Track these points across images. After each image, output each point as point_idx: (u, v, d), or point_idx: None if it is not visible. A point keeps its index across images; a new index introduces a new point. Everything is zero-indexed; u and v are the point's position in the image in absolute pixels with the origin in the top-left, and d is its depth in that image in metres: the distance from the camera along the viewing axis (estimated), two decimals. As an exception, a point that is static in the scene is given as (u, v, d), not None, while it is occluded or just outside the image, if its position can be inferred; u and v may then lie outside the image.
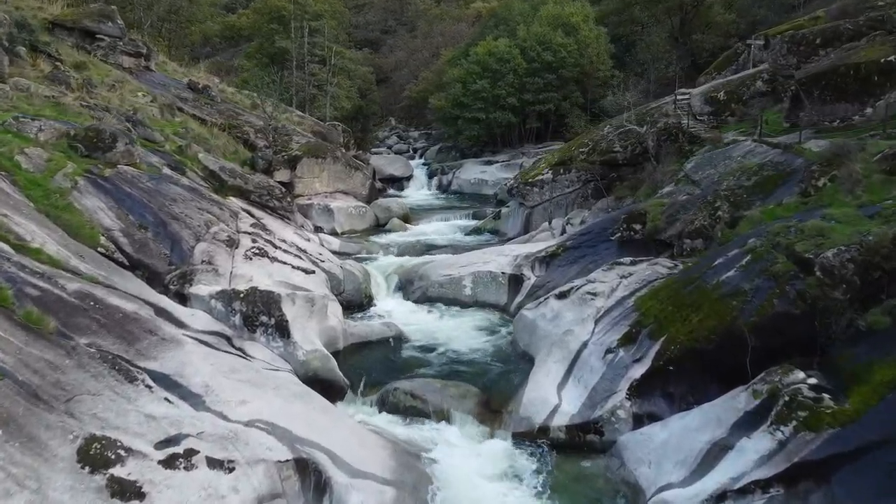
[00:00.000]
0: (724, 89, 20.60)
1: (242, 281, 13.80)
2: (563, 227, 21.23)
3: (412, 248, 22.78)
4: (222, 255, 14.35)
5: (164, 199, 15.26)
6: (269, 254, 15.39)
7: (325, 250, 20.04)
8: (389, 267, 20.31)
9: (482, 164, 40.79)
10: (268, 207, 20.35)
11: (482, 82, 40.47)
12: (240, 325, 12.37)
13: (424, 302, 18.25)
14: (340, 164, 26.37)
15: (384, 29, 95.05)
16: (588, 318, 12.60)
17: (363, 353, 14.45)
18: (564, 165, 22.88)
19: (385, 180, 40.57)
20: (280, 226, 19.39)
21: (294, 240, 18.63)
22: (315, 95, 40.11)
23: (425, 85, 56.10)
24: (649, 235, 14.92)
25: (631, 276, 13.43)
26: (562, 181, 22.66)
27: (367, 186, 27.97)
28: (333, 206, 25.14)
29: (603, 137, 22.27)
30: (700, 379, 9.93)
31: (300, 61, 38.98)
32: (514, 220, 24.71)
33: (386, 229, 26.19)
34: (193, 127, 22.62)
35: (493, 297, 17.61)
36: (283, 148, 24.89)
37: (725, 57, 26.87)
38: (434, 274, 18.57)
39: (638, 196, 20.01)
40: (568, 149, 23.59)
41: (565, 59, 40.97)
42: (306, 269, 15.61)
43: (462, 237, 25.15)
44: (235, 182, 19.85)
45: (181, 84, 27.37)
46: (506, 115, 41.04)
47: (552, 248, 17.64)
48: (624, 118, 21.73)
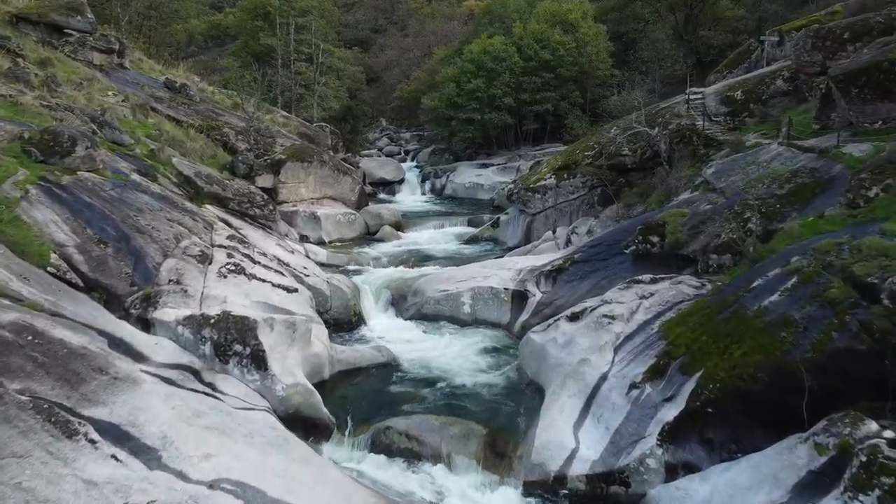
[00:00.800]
0: (741, 88, 19.38)
1: (215, 303, 12.40)
2: (568, 237, 19.93)
3: (405, 259, 21.40)
4: (193, 273, 12.93)
5: (129, 209, 13.82)
6: (247, 270, 13.99)
7: (311, 263, 18.65)
8: (381, 280, 18.92)
9: (477, 167, 39.50)
10: (248, 216, 18.94)
11: (477, 81, 39.21)
12: (210, 355, 10.96)
13: (419, 319, 16.90)
14: (328, 168, 24.99)
15: (374, 28, 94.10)
16: (606, 345, 11.27)
17: (352, 382, 13.06)
18: (568, 170, 21.58)
19: (375, 184, 39.27)
20: (261, 237, 17.98)
21: (276, 252, 17.23)
22: (302, 95, 38.71)
23: (417, 84, 54.82)
24: (669, 249, 13.62)
25: (652, 296, 12.12)
26: (566, 187, 21.36)
27: (356, 192, 26.59)
28: (320, 213, 23.74)
29: (610, 140, 21.01)
30: (745, 423, 8.61)
31: (286, 59, 37.57)
32: (514, 228, 23.39)
33: (377, 238, 24.81)
34: (168, 128, 21.18)
35: (495, 315, 16.28)
36: (265, 151, 23.48)
37: (737, 54, 25.72)
38: (429, 289, 17.21)
39: (649, 203, 18.77)
40: (572, 152, 22.32)
41: (563, 58, 39.80)
42: (288, 286, 14.22)
43: (458, 246, 23.81)
44: (212, 189, 18.43)
45: (157, 83, 25.92)
46: (502, 116, 39.79)
47: (559, 261, 16.32)
48: (633, 119, 20.48)
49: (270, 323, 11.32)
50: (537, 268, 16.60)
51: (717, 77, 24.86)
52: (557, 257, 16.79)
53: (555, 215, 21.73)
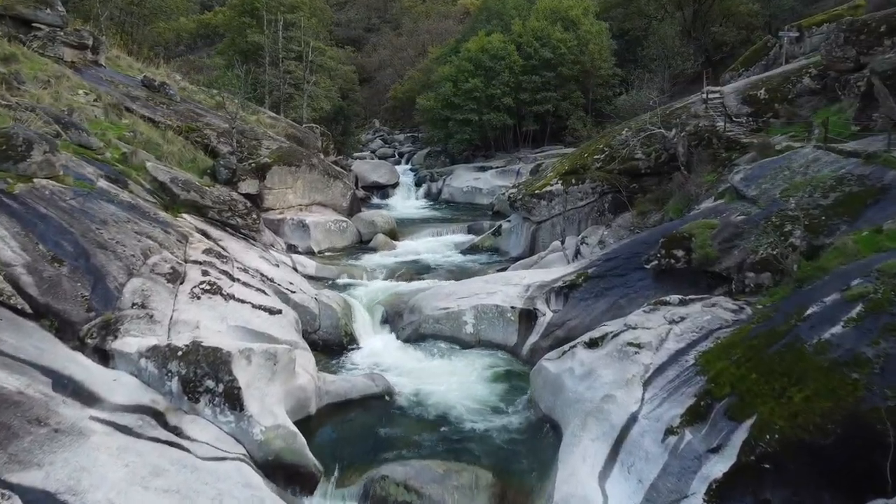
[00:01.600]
0: (764, 87, 18.15)
1: (186, 329, 11.02)
2: (578, 248, 18.63)
3: (401, 271, 20.05)
4: (161, 295, 11.54)
5: (91, 221, 12.42)
6: (224, 290, 12.60)
7: (298, 277, 17.29)
8: (374, 296, 17.59)
9: (475, 170, 38.19)
10: (229, 226, 17.55)
11: (475, 80, 37.91)
12: (177, 392, 9.60)
13: (417, 340, 15.56)
14: (317, 173, 23.62)
15: (367, 27, 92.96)
16: (634, 379, 9.94)
17: (342, 417, 11.70)
18: (577, 175, 20.29)
19: (368, 188, 37.97)
20: (242, 248, 16.59)
21: (259, 266, 15.85)
22: (291, 95, 37.33)
23: (411, 84, 53.55)
24: (698, 265, 12.33)
25: (683, 320, 10.81)
26: (574, 193, 20.07)
27: (347, 197, 25.23)
28: (309, 220, 22.36)
29: (622, 143, 19.73)
30: (810, 484, 7.28)
31: (274, 57, 36.18)
32: (518, 237, 22.08)
33: (370, 247, 23.45)
34: (143, 130, 19.78)
35: (501, 336, 14.94)
36: (250, 154, 22.10)
37: (753, 51, 24.51)
38: (428, 306, 15.87)
39: (666, 211, 17.50)
40: (580, 156, 21.03)
41: (564, 56, 38.57)
42: (271, 308, 12.84)
43: (458, 256, 22.47)
44: (190, 196, 17.04)
45: (135, 81, 24.51)
46: (501, 117, 38.52)
47: (571, 276, 15.01)
48: (647, 120, 19.21)
49: (248, 354, 9.94)
50: (547, 283, 15.28)
51: (733, 75, 23.65)
52: (569, 272, 15.48)
53: (562, 223, 20.44)
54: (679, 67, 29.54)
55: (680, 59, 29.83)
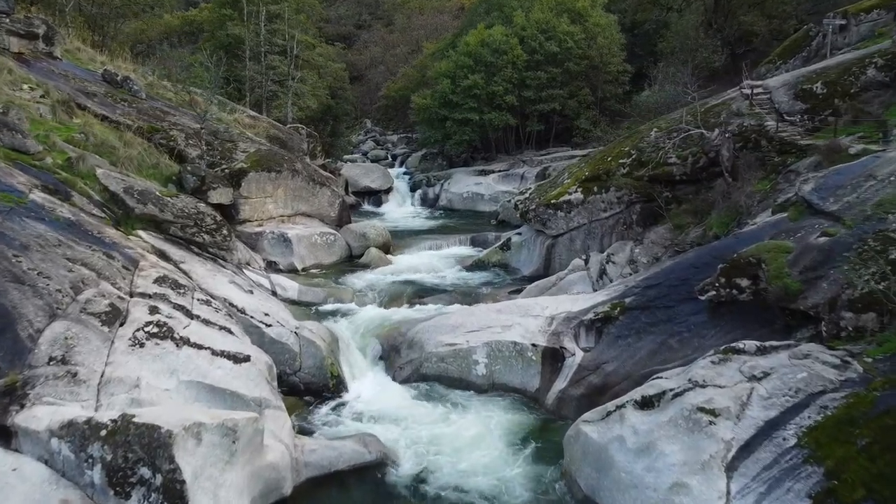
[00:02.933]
0: (819, 80, 15.91)
1: (121, 390, 8.66)
2: (602, 267, 16.33)
3: (397, 293, 17.73)
4: (92, 343, 9.14)
5: (7, 246, 10.01)
6: (177, 332, 10.20)
7: (276, 304, 14.92)
8: (367, 326, 15.26)
9: (475, 174, 35.92)
10: (194, 244, 15.17)
11: (475, 77, 35.64)
12: (101, 485, 7.24)
13: (417, 381, 13.26)
14: (301, 179, 21.24)
15: (358, 24, 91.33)
16: (712, 461, 7.63)
17: (325, 496, 9.35)
18: (599, 182, 17.99)
19: (360, 193, 35.70)
20: (209, 272, 14.20)
21: (228, 294, 13.46)
22: (275, 93, 34.94)
23: (405, 82, 51.31)
24: (775, 300, 10.03)
25: (766, 377, 8.50)
26: (596, 203, 17.77)
27: (336, 206, 22.87)
28: (292, 234, 19.98)
29: (651, 145, 17.45)
30: None
31: (255, 51, 33.79)
32: (530, 252, 19.77)
33: (361, 263, 21.09)
34: (98, 131, 17.36)
35: (519, 380, 12.62)
36: (224, 159, 19.71)
37: (792, 41, 22.35)
38: (431, 341, 13.54)
39: (709, 225, 15.22)
40: (602, 160, 18.73)
41: (571, 51, 36.38)
42: (236, 354, 10.45)
43: (461, 274, 20.13)
44: (147, 209, 14.65)
45: (94, 75, 22.08)
46: (503, 117, 36.26)
47: (604, 306, 12.69)
48: (681, 118, 16.94)
49: (196, 432, 7.56)
50: (575, 315, 12.96)
51: (769, 68, 21.44)
52: (600, 300, 13.15)
53: (582, 238, 18.15)
54: (704, 61, 27.30)
55: (704, 51, 27.57)
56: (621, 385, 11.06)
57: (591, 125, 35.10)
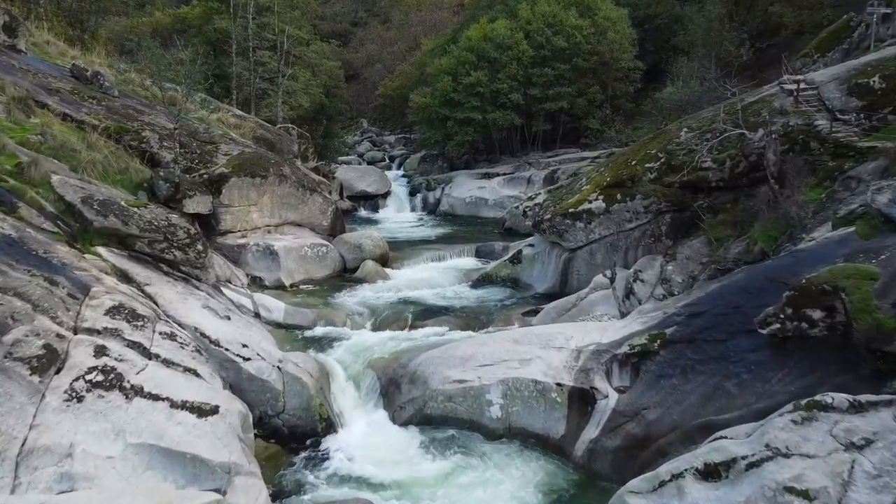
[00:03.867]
0: (877, 73, 14.18)
1: (49, 462, 6.93)
2: (629, 286, 14.59)
3: (396, 314, 15.97)
4: (14, 400, 7.38)
5: (-82, 274, 8.26)
6: (128, 378, 8.44)
7: (258, 332, 13.15)
8: (362, 355, 13.49)
9: (479, 177, 34.17)
10: (163, 262, 13.40)
11: (477, 74, 33.93)
12: None
13: (420, 424, 11.55)
14: (289, 185, 19.46)
15: (354, 21, 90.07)
16: (815, 567, 5.90)
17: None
18: (623, 189, 16.24)
19: (355, 198, 33.99)
20: (178, 296, 12.42)
21: (200, 322, 11.70)
22: (265, 91, 33.18)
23: (403, 80, 49.65)
24: (864, 340, 8.28)
25: (870, 445, 6.78)
26: (620, 213, 16.03)
27: (328, 214, 21.10)
28: (279, 246, 18.22)
29: (682, 147, 15.73)
30: None
31: (243, 46, 32.03)
32: (544, 266, 18.02)
33: (356, 277, 19.33)
34: (58, 132, 15.58)
35: (541, 424, 10.88)
36: (202, 162, 17.94)
37: (831, 32, 20.63)
38: (436, 377, 11.81)
39: (752, 239, 13.48)
40: (625, 163, 16.97)
41: (580, 45, 34.64)
42: (202, 405, 8.69)
43: (467, 290, 18.37)
44: (108, 222, 12.86)
45: (61, 71, 20.30)
46: (508, 116, 34.53)
47: (640, 337, 10.94)
48: (718, 117, 15.21)
49: (134, 532, 5.81)
50: (605, 347, 11.21)
51: (805, 62, 19.73)
52: (634, 330, 11.40)
53: (603, 251, 16.41)
54: (728, 55, 25.54)
55: (729, 44, 25.79)
56: (668, 437, 9.33)
57: (603, 125, 33.34)
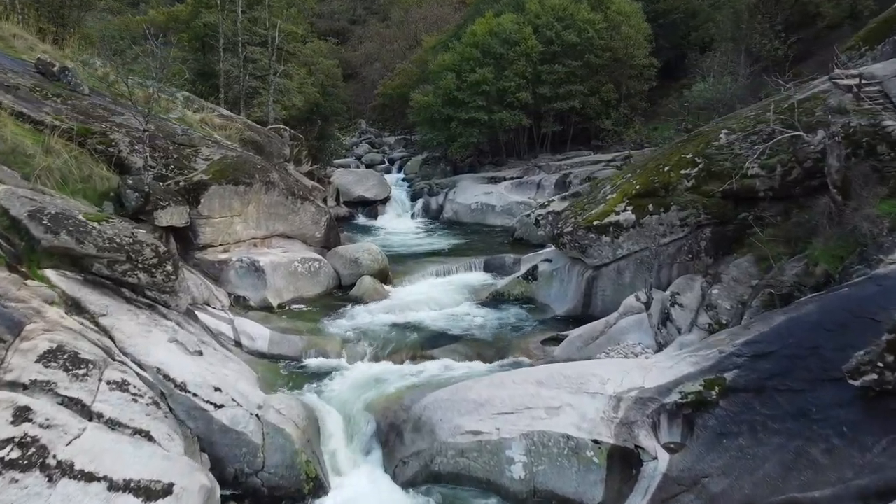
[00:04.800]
0: (955, 65, 12.45)
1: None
2: (666, 310, 12.83)
3: (397, 341, 14.20)
4: None
5: None
6: (54, 452, 6.65)
7: (235, 368, 11.37)
8: (358, 393, 11.73)
9: (485, 181, 32.35)
10: (126, 286, 11.62)
11: (483, 71, 32.16)
12: None
13: (427, 483, 9.78)
14: (278, 193, 17.68)
15: (352, 19, 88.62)
16: None
17: None
18: (656, 198, 14.45)
19: (353, 203, 32.25)
20: (141, 327, 10.64)
21: (164, 360, 9.93)
22: (255, 90, 31.40)
23: (403, 79, 47.93)
24: None
25: None
26: (653, 226, 14.24)
27: (322, 224, 19.32)
28: (265, 261, 16.45)
29: (723, 150, 13.96)
30: None
31: (232, 41, 30.25)
32: (564, 285, 16.23)
33: (353, 296, 17.56)
34: (11, 134, 13.81)
35: (573, 488, 9.06)
36: (178, 168, 16.16)
37: (882, 21, 18.84)
38: (446, 425, 10.04)
39: (812, 258, 11.73)
40: (656, 169, 15.16)
41: (593, 41, 32.90)
42: (150, 483, 6.91)
43: (476, 311, 16.55)
44: (59, 241, 11.08)
45: (25, 66, 18.55)
46: (516, 116, 32.73)
47: (693, 382, 9.14)
48: (768, 117, 13.44)
49: None
50: (650, 394, 9.41)
51: (852, 55, 17.97)
52: (685, 371, 9.59)
53: (633, 269, 14.64)
54: (761, 49, 23.76)
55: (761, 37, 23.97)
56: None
57: (620, 125, 31.56)
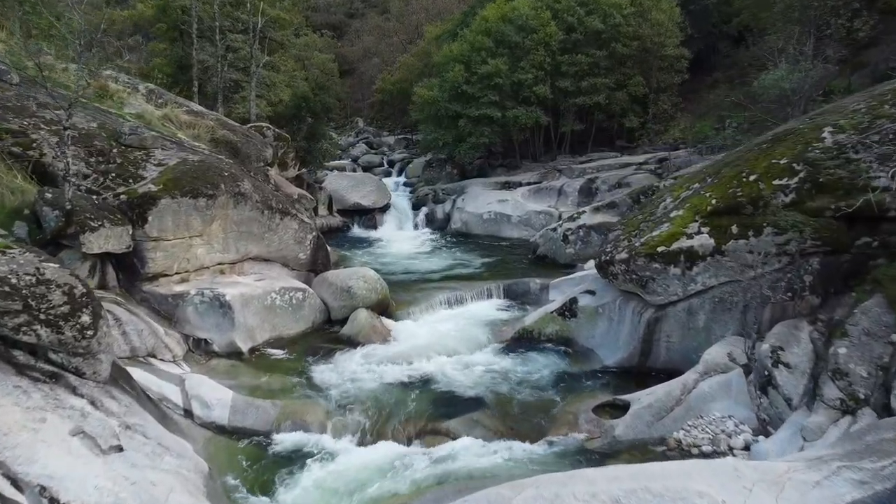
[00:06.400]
0: None
1: None
2: (766, 372, 9.63)
3: (400, 407, 10.99)
4: None
5: None
6: None
7: (172, 463, 8.15)
8: (343, 499, 8.51)
9: (497, 187, 29.12)
10: (19, 349, 8.42)
11: (496, 62, 28.96)
12: None
13: None
14: (251, 207, 14.49)
15: (349, 12, 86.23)
16: None
17: None
18: (740, 217, 11.21)
19: (347, 212, 29.05)
20: (26, 416, 7.42)
21: (53, 472, 6.74)
22: (237, 83, 28.26)
23: (404, 73, 44.81)
24: None
25: None
26: (739, 254, 11.02)
27: (307, 244, 16.13)
28: (233, 295, 13.25)
29: (832, 154, 10.76)
30: None
31: (210, 26, 27.08)
32: (614, 326, 12.99)
33: (344, 336, 14.40)
34: None
35: None
36: (122, 177, 12.98)
37: None
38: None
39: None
40: (737, 177, 11.90)
41: (620, 28, 29.73)
42: None
43: (501, 361, 13.31)
44: (-82, 286, 7.90)
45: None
46: (532, 113, 29.53)
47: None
48: (890, 110, 10.26)
49: None
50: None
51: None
52: (848, 497, 6.39)
53: (708, 310, 11.42)
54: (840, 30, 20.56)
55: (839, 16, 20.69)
56: None
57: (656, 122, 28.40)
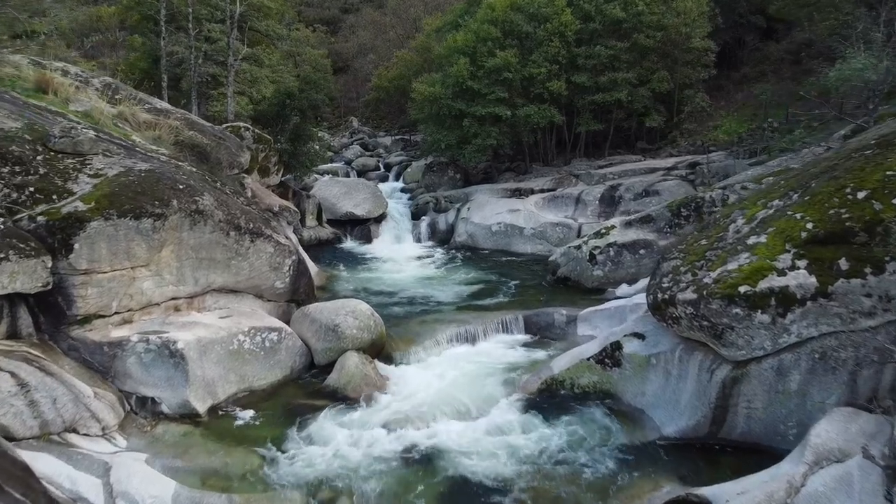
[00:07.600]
0: None
1: None
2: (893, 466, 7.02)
3: (400, 499, 8.41)
4: None
5: None
6: None
7: None
8: None
9: (507, 194, 26.57)
10: None
11: (505, 54, 26.42)
12: None
13: None
14: (212, 227, 11.91)
15: (343, 7, 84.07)
16: None
17: None
18: (849, 247, 8.67)
19: (339, 223, 26.47)
20: None
21: None
22: (215, 77, 25.71)
23: (402, 69, 42.29)
24: None
25: None
26: (851, 297, 8.46)
27: (286, 270, 13.55)
28: (188, 340, 10.69)
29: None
30: None
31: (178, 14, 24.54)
32: (673, 382, 10.40)
33: (330, 389, 11.83)
34: None
35: None
36: (43, 193, 10.42)
37: None
38: None
39: None
40: (837, 193, 9.29)
41: (643, 16, 27.23)
42: None
43: (524, 422, 10.73)
44: None
45: None
46: (546, 111, 26.98)
47: None
48: None
49: None
50: None
51: None
52: None
53: (804, 369, 8.84)
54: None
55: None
56: None
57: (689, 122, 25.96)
